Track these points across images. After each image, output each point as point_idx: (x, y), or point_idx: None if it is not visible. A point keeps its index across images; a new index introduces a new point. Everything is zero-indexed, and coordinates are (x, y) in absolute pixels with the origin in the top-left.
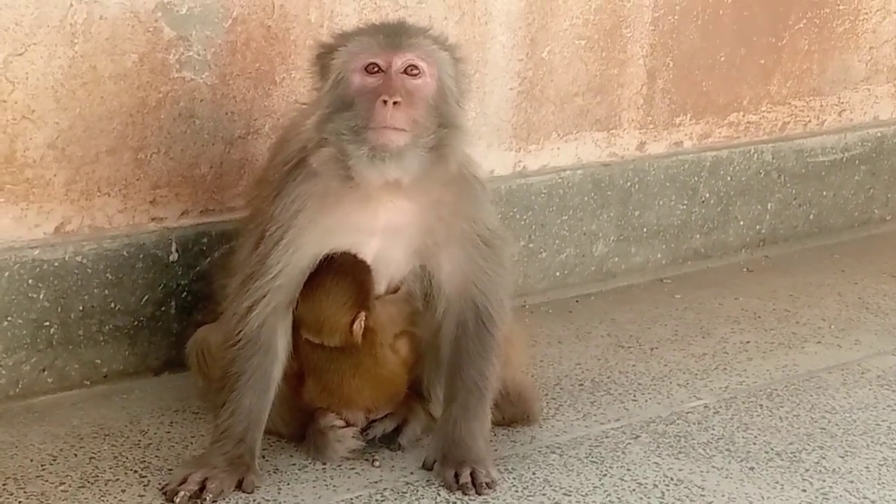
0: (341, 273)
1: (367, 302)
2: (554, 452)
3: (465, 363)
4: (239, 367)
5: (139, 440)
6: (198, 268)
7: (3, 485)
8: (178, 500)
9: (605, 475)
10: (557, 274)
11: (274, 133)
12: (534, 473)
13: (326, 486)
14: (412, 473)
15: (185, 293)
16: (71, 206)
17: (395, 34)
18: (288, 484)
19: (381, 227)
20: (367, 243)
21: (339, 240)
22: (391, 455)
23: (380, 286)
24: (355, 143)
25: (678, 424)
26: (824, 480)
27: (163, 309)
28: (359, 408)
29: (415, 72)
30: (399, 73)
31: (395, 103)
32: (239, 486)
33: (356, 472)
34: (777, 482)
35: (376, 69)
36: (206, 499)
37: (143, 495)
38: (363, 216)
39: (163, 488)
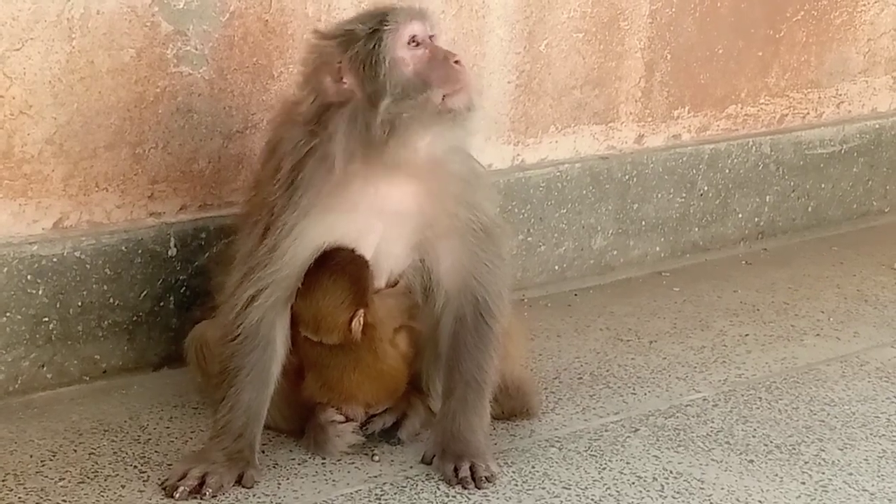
0: (339, 270)
1: (366, 299)
2: (553, 446)
3: (464, 357)
4: (238, 363)
5: (139, 435)
6: (196, 263)
7: (3, 480)
8: (177, 495)
9: (604, 469)
10: (556, 267)
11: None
12: (533, 467)
13: (326, 480)
14: (412, 468)
15: (183, 288)
16: (69, 201)
17: (415, 7)
18: (287, 479)
19: (387, 213)
20: (369, 232)
21: (342, 227)
22: (391, 449)
23: (379, 281)
24: (441, 113)
25: (677, 417)
26: (823, 473)
27: (161, 304)
28: (358, 403)
29: (434, 39)
30: (431, 40)
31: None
32: (239, 480)
33: (356, 467)
34: (776, 475)
35: (416, 43)
36: (205, 494)
37: (143, 490)
38: (369, 201)
39: (162, 483)
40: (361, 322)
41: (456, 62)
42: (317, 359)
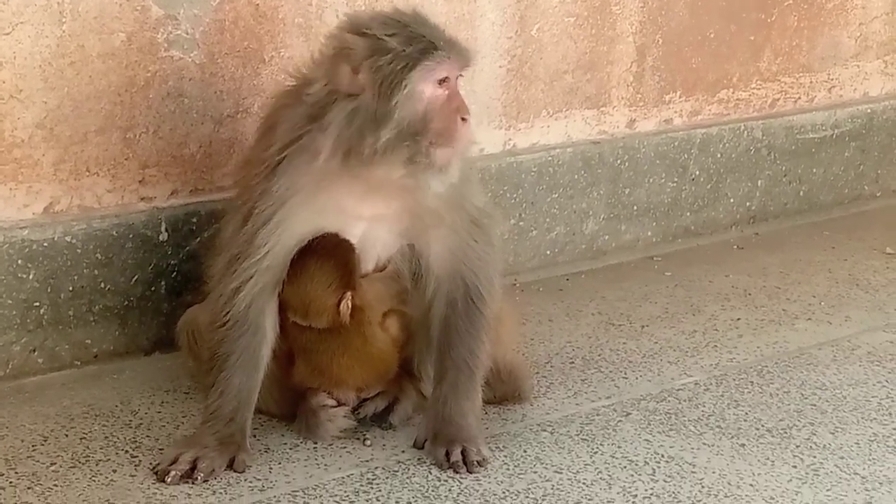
0: (325, 254)
1: (353, 282)
2: (545, 430)
3: (456, 341)
4: (227, 348)
5: (130, 420)
6: (187, 247)
7: None
8: (169, 479)
9: (595, 452)
10: (548, 252)
11: (263, 112)
12: (525, 451)
13: (318, 465)
14: (403, 452)
15: (174, 273)
16: (60, 186)
17: (462, 48)
18: (279, 463)
19: (371, 210)
20: (354, 224)
21: (327, 220)
22: (382, 434)
23: (367, 265)
24: (426, 156)
25: (669, 402)
26: (815, 456)
27: (153, 289)
28: (349, 387)
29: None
30: (456, 82)
31: (463, 119)
32: (230, 465)
33: (347, 451)
34: (768, 458)
35: (445, 80)
36: (197, 478)
37: (135, 475)
38: (354, 200)
39: (154, 468)
40: (349, 305)
41: (463, 119)
42: (306, 344)
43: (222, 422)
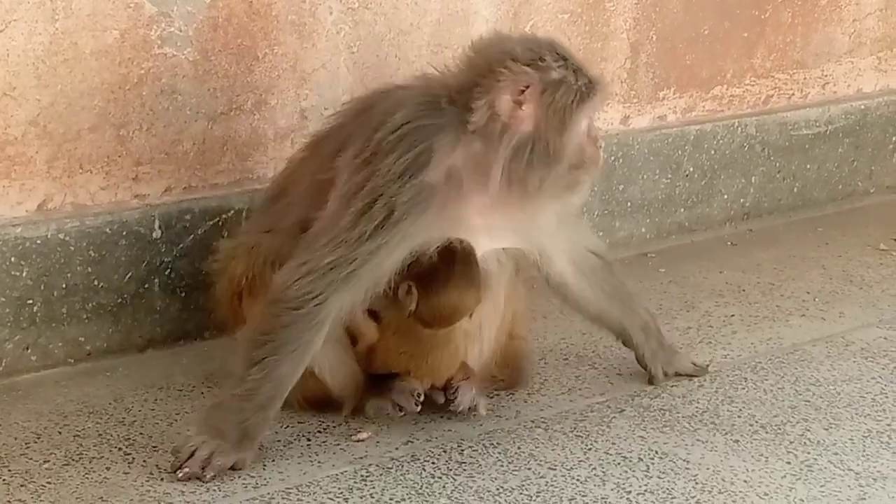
0: (462, 275)
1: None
2: (539, 427)
3: (618, 298)
4: (288, 336)
5: (123, 418)
6: (181, 245)
7: None
8: (180, 475)
9: (590, 449)
10: None
11: (256, 110)
12: (519, 448)
13: (312, 462)
14: (397, 449)
15: (168, 270)
16: (53, 183)
17: (603, 79)
18: (273, 460)
19: (485, 222)
20: (463, 234)
21: (441, 235)
22: (376, 430)
23: None
24: (577, 181)
25: (663, 398)
26: (809, 452)
27: (146, 286)
28: (434, 377)
29: None
30: None
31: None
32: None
33: (341, 448)
34: (762, 454)
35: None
36: (206, 477)
37: (128, 472)
38: (474, 214)
39: (172, 451)
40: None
41: (600, 145)
42: (410, 332)
43: (254, 408)
